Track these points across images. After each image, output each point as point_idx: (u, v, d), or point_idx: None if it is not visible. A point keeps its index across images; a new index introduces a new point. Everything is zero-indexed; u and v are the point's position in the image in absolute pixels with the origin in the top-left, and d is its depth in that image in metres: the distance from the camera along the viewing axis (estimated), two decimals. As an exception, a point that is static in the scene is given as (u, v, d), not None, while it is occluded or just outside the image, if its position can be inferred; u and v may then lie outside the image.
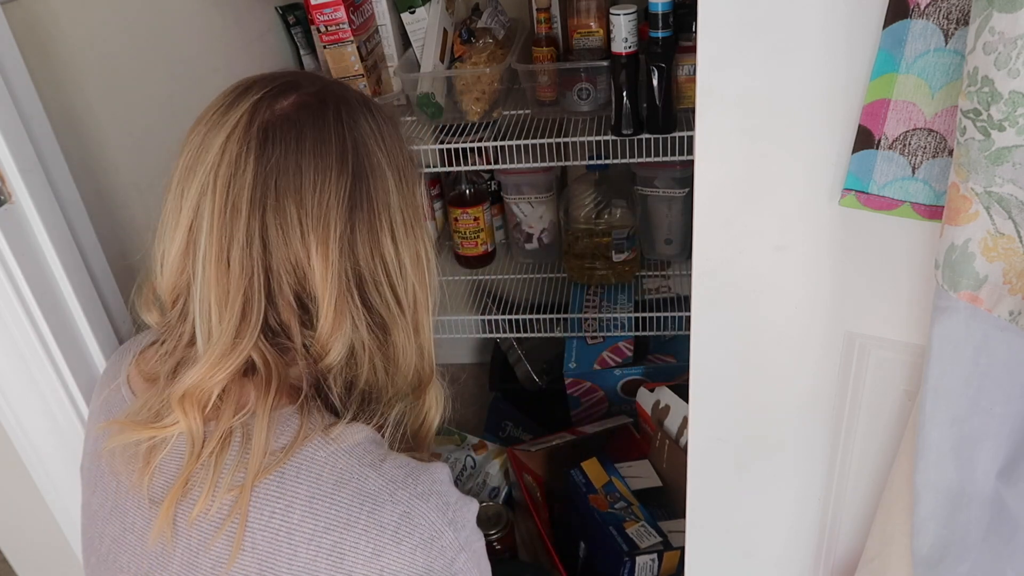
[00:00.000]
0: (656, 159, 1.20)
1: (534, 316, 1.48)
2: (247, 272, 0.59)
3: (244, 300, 0.59)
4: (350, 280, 0.61)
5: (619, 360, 1.56)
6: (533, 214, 1.54)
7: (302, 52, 1.44)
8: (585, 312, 1.48)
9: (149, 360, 0.68)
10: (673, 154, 1.19)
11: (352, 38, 1.25)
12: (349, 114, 0.62)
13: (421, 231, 0.66)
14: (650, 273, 1.54)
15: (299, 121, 0.60)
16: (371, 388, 0.65)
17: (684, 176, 1.41)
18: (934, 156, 0.53)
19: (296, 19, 1.41)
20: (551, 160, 1.25)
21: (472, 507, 0.62)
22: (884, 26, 0.51)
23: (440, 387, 0.71)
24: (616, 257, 1.46)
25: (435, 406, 0.71)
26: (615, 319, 1.46)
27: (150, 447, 0.61)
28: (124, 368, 0.70)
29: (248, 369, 0.61)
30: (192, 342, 0.62)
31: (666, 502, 1.28)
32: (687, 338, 0.69)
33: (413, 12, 1.32)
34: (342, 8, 1.23)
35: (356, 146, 0.61)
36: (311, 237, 0.59)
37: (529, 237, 1.57)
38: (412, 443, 0.69)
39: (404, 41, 1.37)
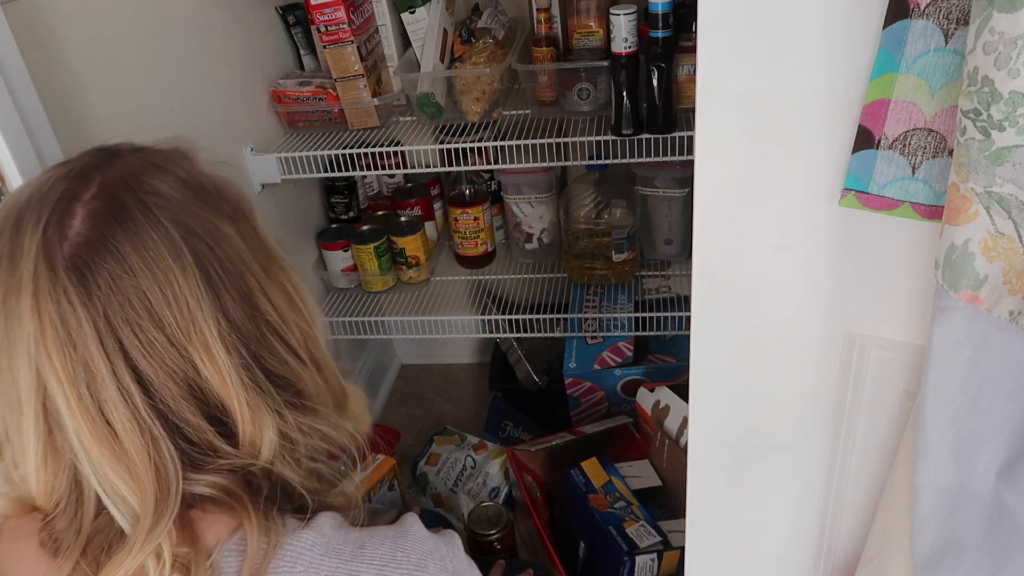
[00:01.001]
0: (656, 159, 1.20)
1: (534, 316, 1.48)
2: (138, 427, 0.51)
3: (154, 458, 0.52)
4: (248, 365, 0.55)
5: (619, 360, 1.56)
6: (533, 214, 1.54)
7: (302, 52, 1.44)
8: (585, 312, 1.48)
9: (24, 550, 0.56)
10: (673, 154, 1.19)
11: (352, 38, 1.25)
12: (149, 192, 0.54)
13: (278, 266, 0.60)
14: (650, 273, 1.54)
15: (105, 237, 0.51)
16: (309, 444, 0.60)
17: (684, 176, 1.41)
18: (934, 156, 0.53)
19: (296, 19, 1.42)
20: (551, 160, 1.25)
21: (456, 541, 0.61)
22: (884, 26, 0.51)
23: (357, 391, 0.66)
24: (616, 257, 1.46)
25: (361, 411, 0.66)
26: (615, 319, 1.46)
27: None
28: None
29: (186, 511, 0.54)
30: (99, 524, 0.54)
31: (666, 502, 1.28)
32: (687, 338, 0.69)
33: (413, 12, 1.32)
34: (342, 8, 1.23)
35: (179, 226, 0.53)
36: (191, 352, 0.53)
37: (529, 237, 1.57)
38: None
39: (404, 41, 1.37)
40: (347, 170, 1.31)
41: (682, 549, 0.99)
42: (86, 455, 0.51)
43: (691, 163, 0.62)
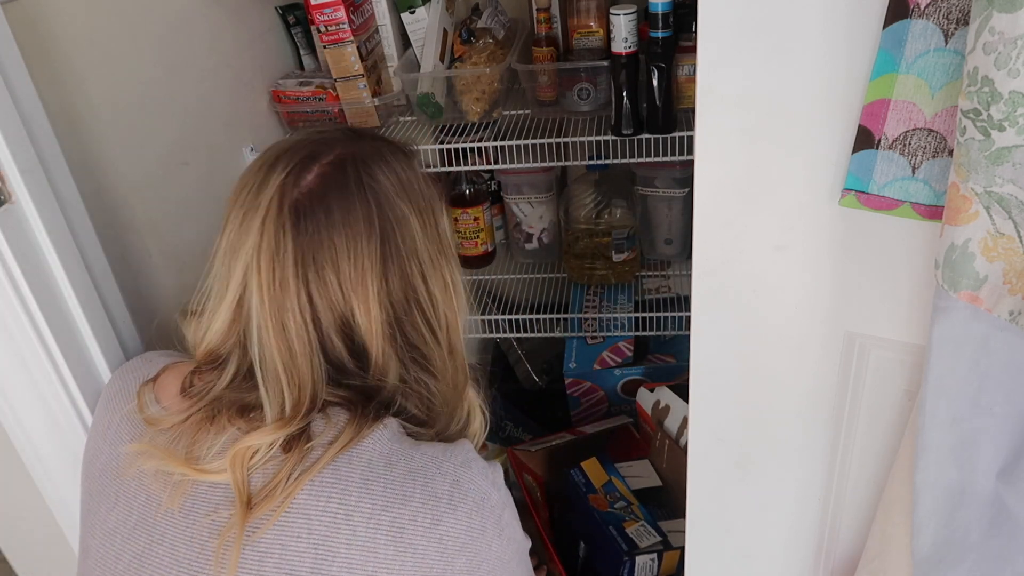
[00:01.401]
0: (656, 159, 1.20)
1: (534, 316, 1.48)
2: (302, 337, 0.66)
3: (308, 365, 0.66)
4: (392, 327, 0.69)
5: (619, 360, 1.56)
6: (533, 214, 1.54)
7: (302, 52, 1.44)
8: (585, 312, 1.48)
9: (171, 382, 0.73)
10: (673, 154, 1.19)
11: (352, 38, 1.25)
12: (368, 173, 0.69)
13: (446, 260, 0.73)
14: (650, 273, 1.54)
15: (325, 195, 0.67)
16: (420, 406, 0.72)
17: (684, 176, 1.40)
18: (934, 156, 0.53)
19: (296, 19, 1.41)
20: (551, 160, 1.25)
21: (499, 469, 0.70)
22: (884, 26, 0.51)
23: (476, 392, 0.78)
24: (616, 257, 1.46)
25: (476, 411, 0.78)
26: (615, 319, 1.46)
27: (187, 481, 0.66)
28: (138, 387, 0.75)
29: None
30: (237, 389, 0.68)
31: (666, 502, 1.28)
32: (687, 338, 0.69)
33: (413, 12, 1.32)
34: (342, 8, 1.23)
35: (379, 205, 0.68)
36: (352, 299, 0.66)
37: (529, 237, 1.57)
38: None
39: (404, 41, 1.37)
40: (347, 170, 1.30)
41: (682, 549, 0.99)
42: (260, 342, 0.66)
43: (691, 163, 0.62)
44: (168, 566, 0.66)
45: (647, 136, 1.17)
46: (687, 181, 1.39)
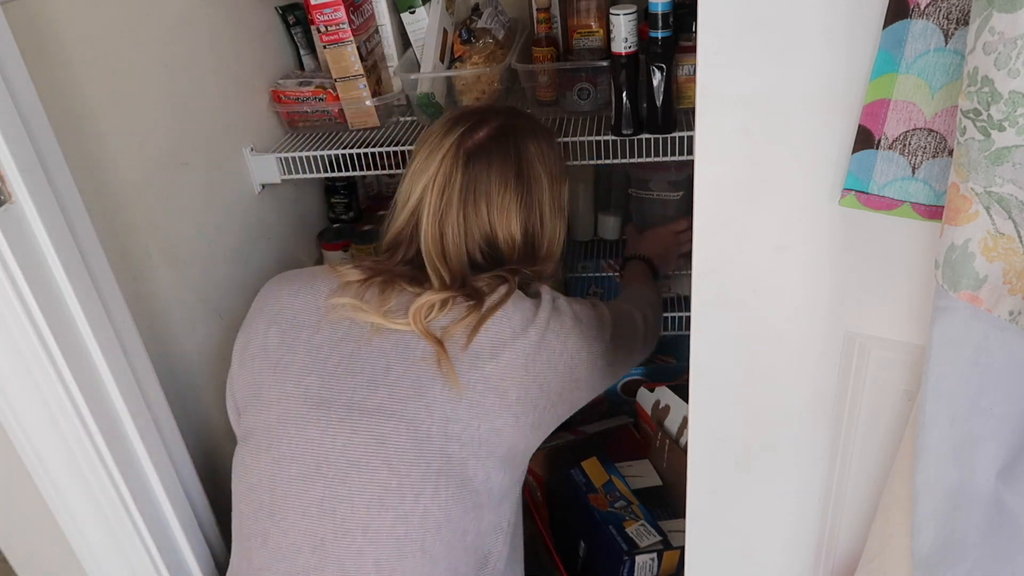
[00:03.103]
0: (656, 159, 1.20)
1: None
2: (456, 242, 0.93)
3: (457, 256, 0.93)
4: (518, 247, 0.97)
5: (619, 360, 1.55)
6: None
7: (302, 52, 1.44)
8: (585, 312, 1.48)
9: (347, 267, 0.95)
10: (673, 154, 1.19)
11: (352, 38, 1.25)
12: (522, 141, 0.97)
13: (561, 216, 1.02)
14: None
15: (489, 149, 0.95)
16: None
17: (679, 179, 1.41)
18: (934, 156, 0.54)
19: (296, 19, 1.41)
20: (551, 160, 1.25)
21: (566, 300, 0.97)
22: (884, 26, 0.51)
23: (557, 268, 1.08)
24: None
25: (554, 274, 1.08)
26: (615, 319, 1.46)
27: (382, 327, 0.89)
28: (319, 270, 0.98)
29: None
30: (407, 264, 0.95)
31: (666, 502, 1.28)
32: (687, 338, 0.69)
33: (413, 12, 1.32)
34: (342, 8, 1.23)
35: (527, 166, 0.96)
36: (496, 224, 0.95)
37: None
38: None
39: (404, 41, 1.37)
40: (347, 170, 1.31)
41: (682, 549, 0.99)
42: (425, 240, 0.94)
43: (686, 166, 0.62)
44: (377, 357, 0.87)
45: (647, 136, 1.18)
46: (681, 184, 1.39)
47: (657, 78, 1.11)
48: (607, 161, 1.21)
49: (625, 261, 1.33)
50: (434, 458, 0.84)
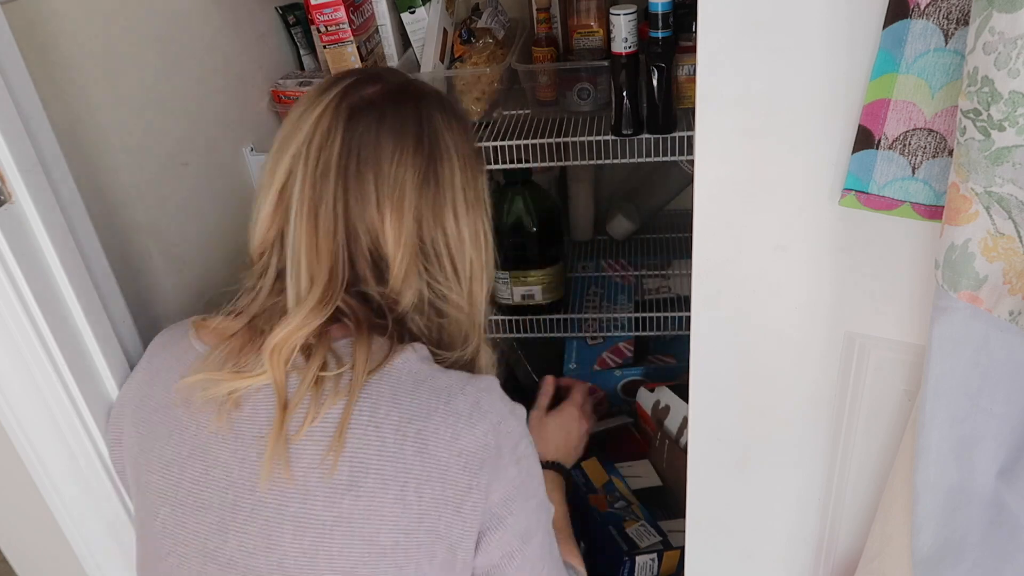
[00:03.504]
0: (656, 159, 1.20)
1: (534, 316, 1.48)
2: (331, 230, 0.68)
3: (331, 257, 0.68)
4: (417, 251, 0.71)
5: (619, 361, 1.56)
6: (533, 214, 1.54)
7: (302, 52, 1.44)
8: (585, 312, 1.48)
9: (214, 321, 0.76)
10: (673, 154, 1.19)
11: (352, 38, 1.25)
12: (426, 105, 0.73)
13: (483, 211, 0.76)
14: (650, 273, 1.54)
15: (382, 105, 0.70)
16: (430, 332, 0.74)
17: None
18: (934, 156, 0.53)
19: (296, 19, 1.41)
20: (551, 160, 1.25)
21: (523, 410, 0.71)
22: (884, 26, 0.51)
23: (489, 353, 0.79)
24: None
25: (485, 348, 0.78)
26: (615, 319, 1.46)
27: (235, 396, 0.68)
28: (183, 336, 0.78)
29: (331, 319, 0.69)
30: (273, 293, 0.72)
31: (666, 502, 1.28)
32: (687, 338, 0.69)
33: (413, 12, 1.32)
34: (342, 8, 1.23)
35: (431, 133, 0.71)
36: (386, 205, 0.69)
37: (529, 237, 1.57)
38: None
39: (404, 41, 1.37)
40: (347, 170, 1.30)
41: (682, 549, 0.99)
42: (295, 230, 0.69)
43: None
44: (224, 488, 0.68)
45: (647, 136, 1.18)
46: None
47: (657, 78, 1.11)
48: (607, 161, 1.21)
49: None
50: None
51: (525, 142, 1.23)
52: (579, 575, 0.84)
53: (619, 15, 1.09)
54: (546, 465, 1.00)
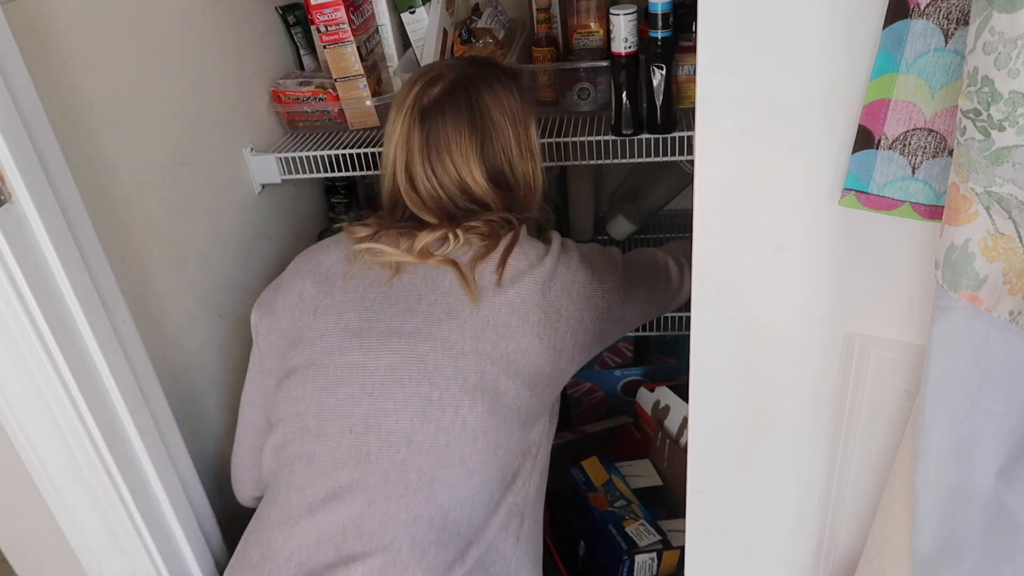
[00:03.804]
0: (656, 159, 1.20)
1: (534, 316, 1.47)
2: (433, 195, 1.00)
3: (439, 208, 1.00)
4: (494, 190, 1.02)
5: (619, 361, 1.56)
6: (533, 214, 1.54)
7: (302, 52, 1.44)
8: (585, 312, 1.48)
9: (362, 227, 1.03)
10: (673, 154, 1.19)
11: (352, 38, 1.25)
12: (476, 90, 1.01)
13: (532, 156, 1.06)
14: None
15: (442, 104, 1.00)
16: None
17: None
18: (934, 156, 0.54)
19: (296, 19, 1.41)
20: (551, 160, 1.25)
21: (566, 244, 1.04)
22: (884, 26, 0.51)
23: (548, 214, 1.11)
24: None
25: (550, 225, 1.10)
26: (615, 319, 1.46)
27: (400, 265, 0.98)
28: (326, 244, 1.06)
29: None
30: (407, 220, 1.01)
31: (666, 501, 1.28)
32: (687, 338, 0.69)
33: (413, 12, 1.32)
34: (342, 8, 1.23)
35: (481, 115, 1.00)
36: (463, 173, 1.00)
37: (529, 237, 1.57)
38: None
39: (404, 41, 1.37)
40: (347, 170, 1.30)
41: (682, 548, 0.99)
42: (405, 193, 1.02)
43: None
44: (408, 297, 0.95)
45: (647, 136, 1.18)
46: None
47: (657, 78, 1.11)
48: (607, 161, 1.21)
49: None
50: (470, 373, 0.92)
51: (525, 142, 1.23)
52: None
53: (619, 15, 1.09)
54: None
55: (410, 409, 0.92)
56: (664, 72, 1.10)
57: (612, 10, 1.10)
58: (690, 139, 1.13)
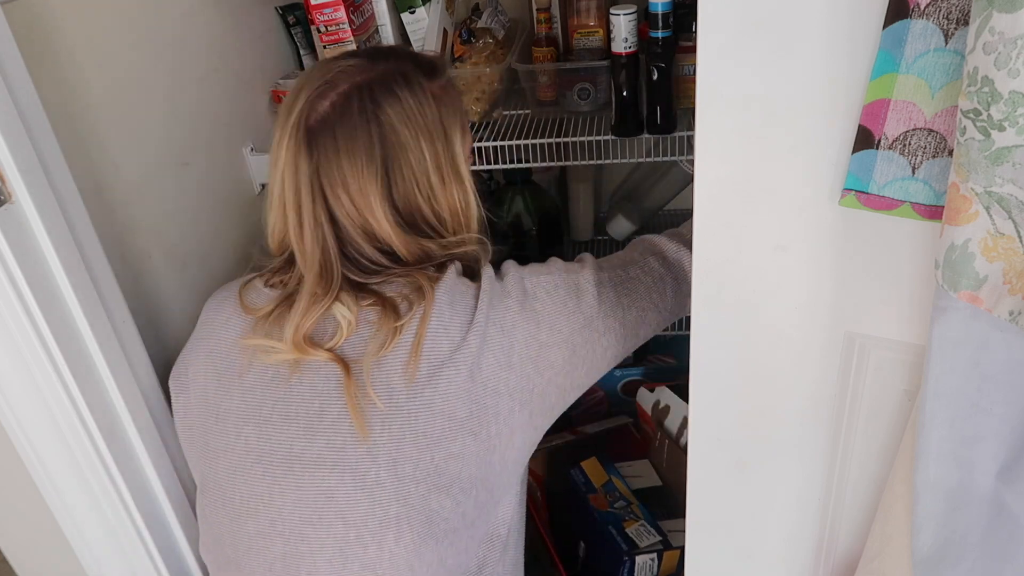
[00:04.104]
0: (656, 159, 1.20)
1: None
2: (319, 236, 0.79)
3: (322, 254, 0.79)
4: (403, 224, 0.81)
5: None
6: (533, 214, 1.54)
7: (302, 52, 1.44)
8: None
9: (254, 292, 0.86)
10: (673, 154, 1.19)
11: (352, 38, 1.25)
12: (375, 103, 0.78)
13: (457, 182, 0.84)
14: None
15: (333, 124, 0.78)
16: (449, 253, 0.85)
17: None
18: (934, 156, 0.54)
19: (296, 19, 1.41)
20: (551, 160, 1.25)
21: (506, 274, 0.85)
22: (884, 26, 0.51)
23: (486, 249, 0.89)
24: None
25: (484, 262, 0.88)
26: (615, 319, 1.46)
27: (296, 363, 0.80)
28: (231, 298, 0.87)
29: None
30: (295, 278, 0.82)
31: (666, 502, 1.28)
32: (687, 338, 0.69)
33: (413, 12, 1.32)
34: (342, 8, 1.23)
35: (381, 134, 0.78)
36: (364, 211, 0.79)
37: (529, 237, 1.57)
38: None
39: (404, 41, 1.37)
40: (347, 170, 1.30)
41: (682, 549, 0.99)
42: (295, 239, 0.81)
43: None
44: (310, 399, 0.79)
45: (647, 136, 1.18)
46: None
47: (657, 78, 1.11)
48: (607, 161, 1.21)
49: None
50: (390, 504, 0.77)
51: (525, 142, 1.23)
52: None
53: (619, 15, 1.09)
54: None
55: (327, 552, 0.79)
56: (664, 72, 1.10)
57: (612, 10, 1.10)
58: (690, 139, 1.13)
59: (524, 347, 0.79)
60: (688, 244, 0.90)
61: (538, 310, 0.81)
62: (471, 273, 0.84)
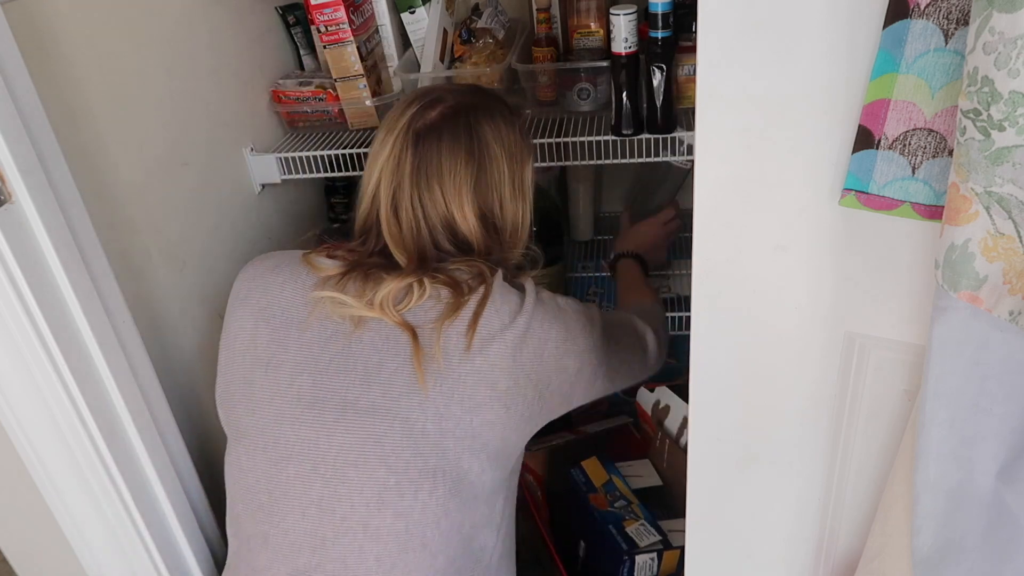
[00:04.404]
0: (656, 159, 1.20)
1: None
2: (411, 224, 0.92)
3: (415, 243, 0.91)
4: (483, 226, 0.94)
5: (619, 360, 1.55)
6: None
7: (302, 52, 1.44)
8: (585, 312, 1.48)
9: (319, 258, 0.94)
10: (673, 154, 1.19)
11: (352, 38, 1.25)
12: (476, 119, 0.94)
13: (523, 199, 0.98)
14: (650, 273, 1.54)
15: (440, 129, 0.92)
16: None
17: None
18: (934, 156, 0.54)
19: (296, 19, 1.41)
20: (551, 160, 1.25)
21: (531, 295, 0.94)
22: (884, 26, 0.51)
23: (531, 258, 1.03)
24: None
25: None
26: (615, 319, 1.46)
27: (362, 320, 0.88)
28: (294, 261, 0.95)
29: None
30: (375, 256, 0.93)
31: (666, 502, 1.28)
32: (687, 338, 0.69)
33: (413, 12, 1.32)
34: (342, 8, 1.23)
35: (480, 146, 0.93)
36: (452, 206, 0.92)
37: (529, 237, 1.57)
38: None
39: (404, 41, 1.37)
40: (347, 170, 1.31)
41: (682, 549, 0.99)
42: (384, 224, 0.92)
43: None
44: (370, 353, 0.87)
45: (647, 136, 1.18)
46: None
47: (657, 78, 1.11)
48: (607, 161, 1.21)
49: (616, 258, 1.33)
50: (430, 455, 0.85)
51: (525, 142, 1.23)
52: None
53: (619, 15, 1.09)
54: (627, 255, 1.32)
55: (365, 494, 0.85)
56: (664, 72, 1.10)
57: (612, 10, 1.10)
58: (690, 139, 1.12)
59: (554, 346, 0.89)
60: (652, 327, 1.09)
61: (567, 321, 0.92)
62: (509, 279, 0.96)
